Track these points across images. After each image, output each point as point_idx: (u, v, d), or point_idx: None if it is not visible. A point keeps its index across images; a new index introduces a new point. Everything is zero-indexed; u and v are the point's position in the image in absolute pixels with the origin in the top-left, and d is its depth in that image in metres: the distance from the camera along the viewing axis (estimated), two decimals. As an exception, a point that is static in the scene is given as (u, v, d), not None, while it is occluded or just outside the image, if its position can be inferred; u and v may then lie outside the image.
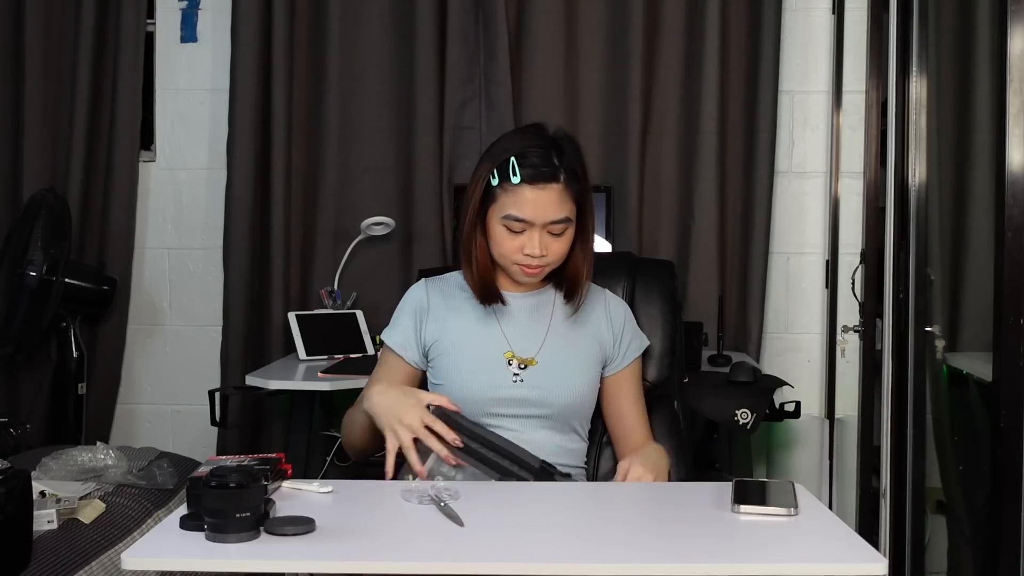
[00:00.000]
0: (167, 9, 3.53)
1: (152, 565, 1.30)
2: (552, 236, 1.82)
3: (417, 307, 1.93)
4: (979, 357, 2.47)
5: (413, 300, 1.95)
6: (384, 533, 1.40)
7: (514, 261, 1.83)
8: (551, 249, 1.82)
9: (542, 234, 1.81)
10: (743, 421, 2.66)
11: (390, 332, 1.95)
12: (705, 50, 3.28)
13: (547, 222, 1.80)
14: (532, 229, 1.80)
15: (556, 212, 1.80)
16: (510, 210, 1.80)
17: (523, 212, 1.79)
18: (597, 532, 1.44)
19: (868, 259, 3.00)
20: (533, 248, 1.80)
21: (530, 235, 1.80)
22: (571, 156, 1.83)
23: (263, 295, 3.39)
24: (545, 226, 1.80)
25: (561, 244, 1.83)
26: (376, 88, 3.40)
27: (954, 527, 2.83)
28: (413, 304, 1.94)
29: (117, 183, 3.46)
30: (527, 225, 1.80)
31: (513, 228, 1.81)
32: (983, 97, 2.68)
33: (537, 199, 1.79)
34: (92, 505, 2.25)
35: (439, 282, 1.97)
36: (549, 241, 1.82)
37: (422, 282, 1.98)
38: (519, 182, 1.79)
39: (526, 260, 1.82)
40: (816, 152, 3.41)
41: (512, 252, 1.82)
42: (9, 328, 3.16)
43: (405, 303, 1.96)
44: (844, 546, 1.36)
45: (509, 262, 1.84)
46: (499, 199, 1.81)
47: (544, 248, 1.81)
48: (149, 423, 3.58)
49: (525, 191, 1.79)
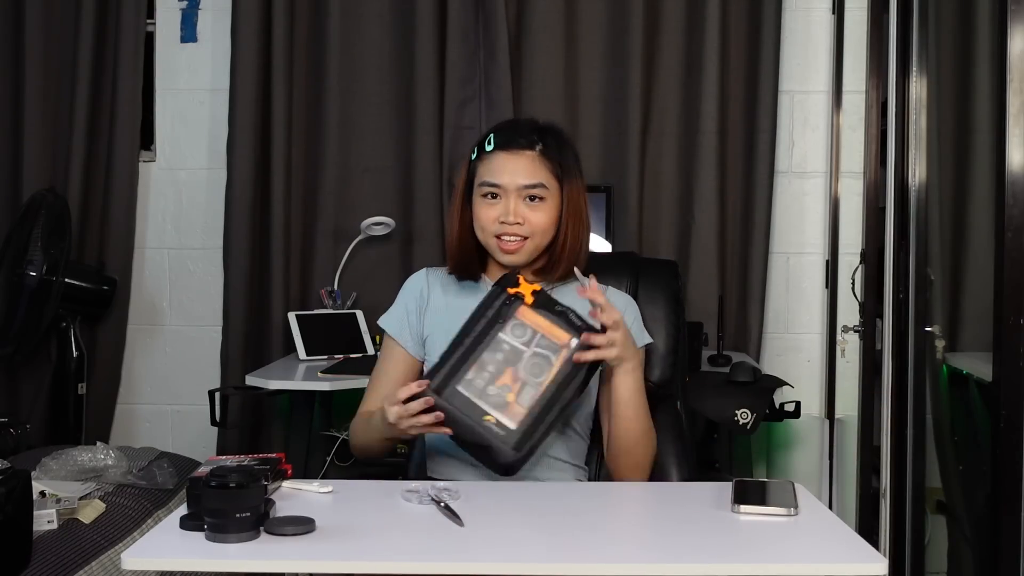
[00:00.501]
0: (167, 9, 3.53)
1: (152, 565, 1.30)
2: (529, 205, 1.82)
3: (417, 295, 1.94)
4: (979, 357, 2.48)
5: (413, 289, 1.96)
6: (384, 533, 1.40)
7: (493, 232, 1.83)
8: (527, 218, 1.82)
9: (517, 201, 1.81)
10: (743, 421, 2.66)
11: (389, 319, 1.95)
12: (705, 50, 3.28)
13: (520, 186, 1.81)
14: (507, 196, 1.82)
15: (529, 176, 1.81)
16: (484, 177, 1.83)
17: (494, 176, 1.82)
18: (597, 532, 1.44)
19: (868, 259, 3.00)
20: (507, 214, 1.81)
21: (505, 202, 1.82)
22: (553, 138, 1.86)
23: (263, 295, 3.39)
24: (519, 192, 1.81)
25: (539, 215, 1.83)
26: (376, 88, 3.40)
27: (954, 527, 2.83)
28: (413, 292, 1.95)
29: (117, 183, 3.46)
30: (501, 190, 1.82)
31: (489, 195, 1.83)
32: (983, 97, 2.69)
33: (508, 162, 1.82)
34: (92, 505, 2.25)
35: (439, 273, 1.97)
36: (525, 210, 1.82)
37: (423, 271, 1.98)
38: (492, 149, 1.84)
39: (502, 229, 1.82)
40: (816, 152, 3.41)
41: (490, 222, 1.83)
42: (9, 328, 3.16)
43: (405, 291, 1.97)
44: (844, 546, 1.36)
45: (489, 236, 1.84)
46: (478, 171, 1.86)
47: (519, 215, 1.81)
48: (149, 423, 3.58)
49: (498, 156, 1.83)
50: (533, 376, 1.65)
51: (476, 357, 1.66)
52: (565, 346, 1.66)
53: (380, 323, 1.96)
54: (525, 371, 1.66)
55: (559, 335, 1.67)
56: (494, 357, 1.66)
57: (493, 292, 1.71)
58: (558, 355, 1.66)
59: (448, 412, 1.63)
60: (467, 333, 1.68)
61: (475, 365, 1.65)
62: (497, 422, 1.63)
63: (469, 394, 1.64)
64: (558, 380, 1.65)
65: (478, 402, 1.63)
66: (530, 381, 1.65)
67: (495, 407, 1.63)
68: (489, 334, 1.67)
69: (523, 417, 1.63)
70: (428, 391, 1.63)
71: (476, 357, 1.66)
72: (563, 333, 1.67)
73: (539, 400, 1.64)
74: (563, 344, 1.66)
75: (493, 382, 1.65)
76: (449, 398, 1.63)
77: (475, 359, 1.66)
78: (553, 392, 1.65)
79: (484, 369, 1.65)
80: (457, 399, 1.63)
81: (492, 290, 1.72)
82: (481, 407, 1.63)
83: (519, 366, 1.65)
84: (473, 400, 1.64)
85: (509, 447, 1.62)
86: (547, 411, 1.64)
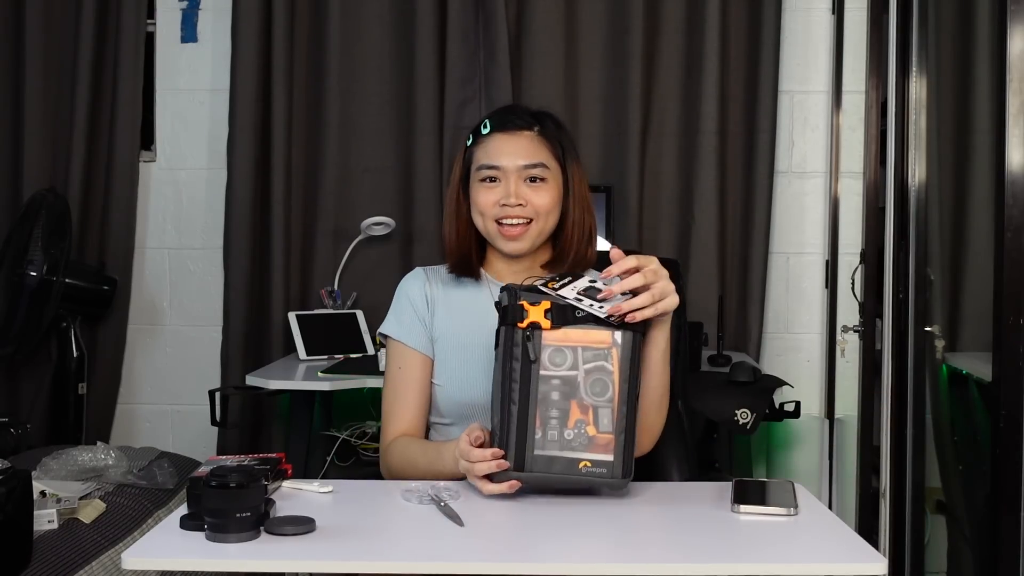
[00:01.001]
0: (167, 9, 3.53)
1: (152, 565, 1.30)
2: (530, 186, 1.74)
3: (420, 296, 1.82)
4: (979, 357, 2.48)
5: (415, 288, 1.83)
6: (384, 533, 1.40)
7: (494, 217, 1.74)
8: (529, 199, 1.74)
9: (518, 183, 1.73)
10: (743, 421, 2.66)
11: (393, 325, 1.82)
12: (705, 50, 3.28)
13: (520, 166, 1.74)
14: (507, 178, 1.74)
15: (529, 156, 1.74)
16: (482, 160, 1.76)
17: (492, 158, 1.75)
18: (597, 532, 1.44)
19: (868, 259, 3.00)
20: (508, 196, 1.72)
21: (505, 184, 1.74)
22: (551, 120, 1.80)
23: (263, 295, 3.39)
24: (519, 172, 1.74)
25: (542, 196, 1.74)
26: (376, 88, 3.40)
27: (954, 527, 2.83)
28: (416, 293, 1.82)
29: (117, 183, 3.46)
30: (500, 172, 1.74)
31: (488, 179, 1.75)
32: (983, 97, 2.69)
33: (506, 143, 1.75)
34: (92, 505, 2.25)
35: (437, 273, 1.86)
36: (527, 191, 1.74)
37: (419, 271, 1.87)
38: (488, 131, 1.77)
39: (503, 212, 1.73)
40: (816, 152, 3.41)
41: (490, 207, 1.74)
42: (9, 328, 3.16)
43: (405, 293, 1.83)
44: (844, 546, 1.36)
45: (490, 221, 1.75)
46: (475, 157, 1.78)
47: (521, 196, 1.73)
48: (149, 423, 3.58)
49: (495, 138, 1.76)
50: (599, 396, 1.50)
51: (533, 411, 1.49)
52: (612, 345, 1.51)
53: (384, 331, 1.82)
54: (589, 395, 1.51)
55: (599, 338, 1.52)
56: (550, 399, 1.50)
57: (507, 335, 1.52)
58: (610, 359, 1.51)
59: (540, 481, 1.50)
60: (508, 394, 1.50)
61: (538, 420, 1.49)
62: (593, 463, 1.49)
63: (551, 452, 1.49)
64: (623, 379, 1.51)
65: (563, 454, 1.49)
66: (599, 403, 1.50)
67: (583, 449, 1.49)
68: (531, 380, 1.50)
69: (614, 443, 1.49)
70: (511, 474, 1.49)
71: (533, 411, 1.49)
72: (602, 334, 1.52)
73: (618, 414, 1.50)
74: (608, 345, 1.51)
75: (565, 425, 1.50)
76: (532, 466, 1.49)
77: (534, 414, 1.49)
78: (626, 395, 1.51)
79: (548, 418, 1.49)
80: (540, 464, 1.49)
81: (504, 332, 1.53)
82: (570, 458, 1.49)
83: (580, 394, 1.50)
84: (557, 455, 1.49)
85: (618, 478, 1.50)
86: (630, 415, 1.51)
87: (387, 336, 1.83)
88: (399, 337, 1.80)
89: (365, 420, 3.25)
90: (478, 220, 1.78)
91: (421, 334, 1.79)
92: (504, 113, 1.82)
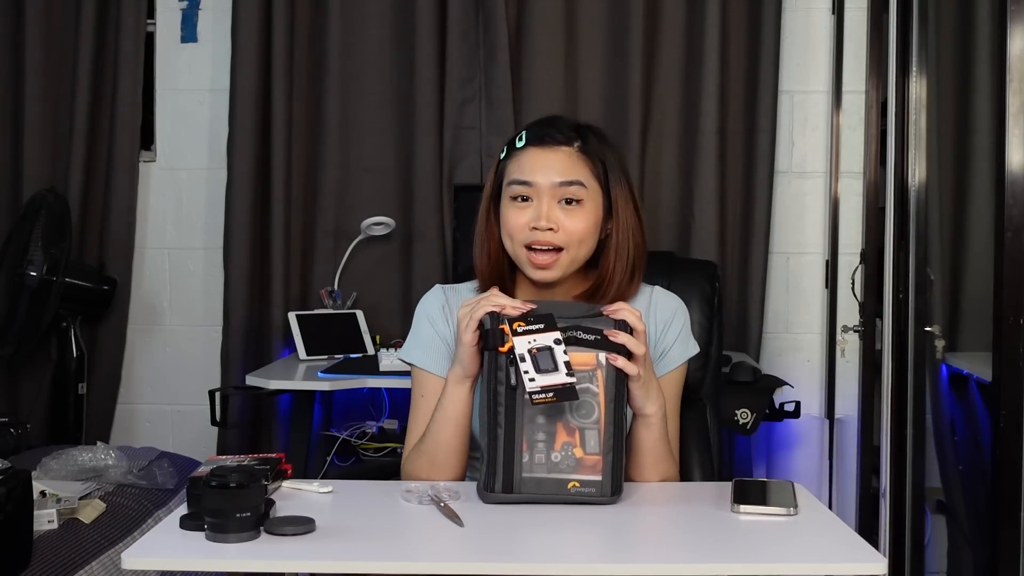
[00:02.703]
0: (167, 9, 3.52)
1: (152, 565, 1.30)
2: (564, 209, 1.61)
3: (441, 319, 1.71)
4: (979, 357, 2.48)
5: (434, 307, 1.73)
6: (384, 533, 1.40)
7: (523, 242, 1.62)
8: (562, 224, 1.60)
9: (550, 204, 1.60)
10: (743, 421, 2.66)
11: (414, 352, 1.71)
12: (705, 50, 3.28)
13: (554, 183, 1.60)
14: (540, 197, 1.61)
15: (564, 173, 1.61)
16: (514, 175, 1.63)
17: (525, 173, 1.62)
18: (596, 532, 1.44)
19: (868, 259, 3.01)
20: (539, 219, 1.59)
21: (537, 205, 1.61)
22: (594, 136, 1.66)
23: (263, 295, 3.39)
24: (553, 191, 1.61)
25: (576, 220, 1.61)
26: (376, 88, 3.40)
27: (954, 527, 2.83)
28: (436, 314, 1.72)
29: (117, 183, 3.46)
30: (533, 191, 1.61)
31: (519, 196, 1.62)
32: (983, 97, 2.69)
33: (541, 158, 1.62)
34: (92, 505, 2.25)
35: (455, 292, 1.75)
36: (560, 214, 1.61)
37: (438, 289, 1.76)
38: (523, 144, 1.64)
39: (533, 237, 1.60)
40: (816, 152, 3.41)
41: (519, 230, 1.61)
42: (9, 328, 3.16)
43: (425, 315, 1.73)
44: (844, 546, 1.36)
45: (519, 245, 1.63)
46: (507, 171, 1.65)
47: (552, 220, 1.60)
48: (149, 423, 3.58)
49: (530, 152, 1.63)
50: (585, 418, 1.49)
51: (520, 434, 1.48)
52: (598, 366, 1.50)
53: (405, 358, 1.72)
54: (575, 418, 1.49)
55: (584, 360, 1.49)
56: (537, 422, 1.49)
57: (490, 359, 1.50)
58: (595, 381, 1.50)
59: (530, 500, 1.49)
60: (494, 417, 1.49)
61: (525, 443, 1.48)
62: (582, 483, 1.48)
63: (538, 474, 1.48)
64: (609, 400, 1.50)
65: (551, 476, 1.48)
66: (586, 425, 1.49)
67: (570, 471, 1.48)
68: (516, 403, 1.48)
69: (601, 463, 1.48)
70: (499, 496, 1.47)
71: (520, 434, 1.48)
72: (586, 356, 1.49)
73: (605, 435, 1.49)
74: (593, 367, 1.49)
75: (552, 448, 1.48)
76: (520, 488, 1.48)
77: (520, 437, 1.48)
78: (612, 415, 1.50)
79: (535, 441, 1.48)
80: (528, 486, 1.48)
81: (487, 356, 1.51)
82: (558, 479, 1.48)
83: (566, 416, 1.49)
84: (545, 477, 1.48)
85: (607, 496, 1.50)
86: (617, 435, 1.50)
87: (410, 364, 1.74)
88: (420, 364, 1.71)
89: (365, 420, 3.25)
90: (507, 243, 1.66)
91: (443, 357, 1.69)
92: (542, 125, 1.68)
